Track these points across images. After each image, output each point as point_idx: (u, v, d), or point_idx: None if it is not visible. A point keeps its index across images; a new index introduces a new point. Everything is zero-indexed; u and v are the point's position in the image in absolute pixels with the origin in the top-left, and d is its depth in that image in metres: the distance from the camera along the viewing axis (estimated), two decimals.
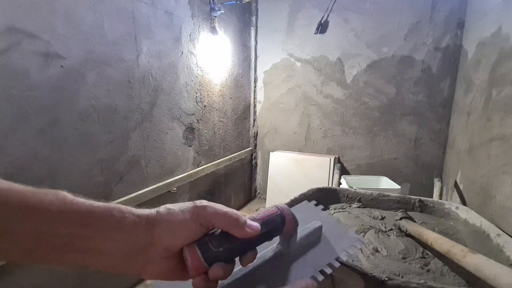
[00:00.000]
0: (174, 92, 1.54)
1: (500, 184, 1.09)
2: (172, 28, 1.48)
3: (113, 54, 1.18)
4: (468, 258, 0.65)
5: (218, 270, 0.28)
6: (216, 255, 0.29)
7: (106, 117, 1.17)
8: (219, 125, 2.00)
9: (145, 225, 0.28)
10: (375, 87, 2.06)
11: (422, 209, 1.11)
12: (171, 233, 0.28)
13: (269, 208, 0.35)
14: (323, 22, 2.10)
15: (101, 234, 0.27)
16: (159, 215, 0.29)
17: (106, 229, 0.27)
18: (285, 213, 0.34)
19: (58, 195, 0.26)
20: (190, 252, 0.28)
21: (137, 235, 0.28)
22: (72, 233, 0.26)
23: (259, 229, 0.31)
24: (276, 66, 2.34)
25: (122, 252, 0.28)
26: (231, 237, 0.30)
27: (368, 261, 0.79)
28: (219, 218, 0.30)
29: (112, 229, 0.27)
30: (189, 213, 0.29)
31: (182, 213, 0.29)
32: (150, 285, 0.31)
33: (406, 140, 2.04)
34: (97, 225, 0.27)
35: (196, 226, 0.29)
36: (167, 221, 0.29)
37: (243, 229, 0.30)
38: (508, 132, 1.09)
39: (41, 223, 0.25)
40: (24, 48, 0.89)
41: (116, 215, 0.28)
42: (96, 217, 0.27)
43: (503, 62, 1.20)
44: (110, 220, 0.27)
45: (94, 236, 0.27)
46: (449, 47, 1.84)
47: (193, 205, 0.30)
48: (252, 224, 0.31)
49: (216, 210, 0.30)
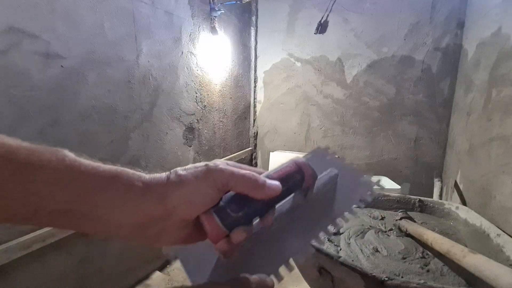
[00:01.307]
0: (174, 92, 1.54)
1: (500, 184, 1.09)
2: (172, 28, 1.48)
3: (113, 54, 1.18)
4: (468, 258, 0.65)
5: (240, 235, 0.27)
6: (236, 220, 0.27)
7: (106, 117, 1.17)
8: (219, 125, 2.00)
9: (157, 197, 0.25)
10: (375, 87, 2.06)
11: (422, 209, 1.12)
12: (187, 203, 0.26)
13: (287, 164, 0.33)
14: (323, 22, 2.10)
15: (107, 202, 0.24)
16: (171, 185, 0.26)
17: (113, 198, 0.24)
18: (304, 169, 0.33)
19: (57, 154, 0.23)
20: (209, 221, 0.27)
21: (148, 206, 0.25)
22: (73, 199, 0.23)
23: (280, 189, 0.29)
24: (276, 66, 2.34)
25: (132, 223, 0.25)
26: (249, 199, 0.28)
27: (368, 261, 0.79)
28: (237, 181, 0.27)
29: (120, 198, 0.24)
30: (204, 178, 0.26)
31: (196, 179, 0.26)
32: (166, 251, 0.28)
33: (406, 140, 2.04)
34: (102, 193, 0.24)
35: (213, 192, 0.27)
36: (181, 191, 0.26)
37: (263, 191, 0.28)
38: (508, 132, 1.09)
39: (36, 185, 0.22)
40: (24, 48, 0.89)
41: (124, 183, 0.25)
42: (101, 183, 0.24)
43: (503, 62, 1.20)
44: (116, 188, 0.24)
45: (100, 204, 0.24)
46: (449, 47, 1.84)
47: (206, 168, 0.27)
48: (272, 184, 0.29)
49: (233, 173, 0.27)
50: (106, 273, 1.22)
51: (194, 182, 0.26)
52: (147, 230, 0.26)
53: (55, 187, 0.22)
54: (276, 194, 0.29)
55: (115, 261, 1.26)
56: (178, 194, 0.26)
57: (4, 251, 0.85)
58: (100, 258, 1.19)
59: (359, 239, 0.90)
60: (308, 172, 0.33)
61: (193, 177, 0.26)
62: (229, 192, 0.28)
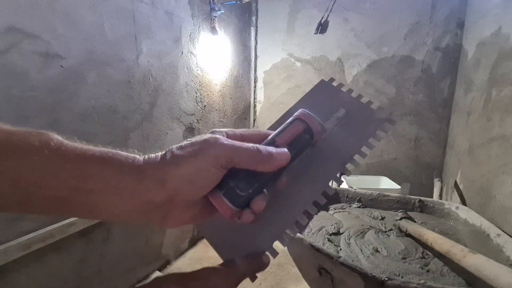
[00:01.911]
0: (174, 92, 1.54)
1: (500, 184, 1.09)
2: (172, 28, 1.48)
3: (113, 54, 1.17)
4: (468, 258, 0.65)
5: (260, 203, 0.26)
6: (247, 198, 0.25)
7: (106, 117, 1.17)
8: (219, 125, 2.00)
9: (155, 181, 0.23)
10: (375, 87, 2.06)
11: (422, 209, 1.11)
12: (188, 184, 0.24)
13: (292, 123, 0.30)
14: (323, 22, 2.10)
15: (100, 188, 0.22)
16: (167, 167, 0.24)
17: (107, 182, 0.22)
18: (313, 126, 0.30)
19: (41, 137, 0.21)
20: (218, 203, 0.25)
21: (147, 193, 0.23)
22: (63, 185, 0.21)
23: (289, 156, 0.27)
24: (276, 66, 2.34)
25: (132, 209, 0.24)
26: (258, 173, 0.26)
27: (368, 261, 0.79)
28: (241, 156, 0.25)
29: (115, 183, 0.23)
30: (203, 156, 0.24)
31: (195, 158, 0.24)
32: None
33: (406, 140, 2.04)
34: (94, 178, 0.22)
35: (216, 170, 0.24)
36: (180, 172, 0.24)
37: (270, 164, 0.26)
38: (508, 132, 1.08)
39: (20, 171, 0.20)
40: (24, 48, 0.89)
41: (117, 167, 0.23)
42: (91, 167, 0.22)
43: (503, 62, 1.20)
44: (109, 173, 0.23)
45: (94, 189, 0.22)
46: (449, 47, 1.84)
47: (205, 144, 0.25)
48: (280, 154, 0.27)
49: (234, 147, 0.25)
50: (106, 274, 1.22)
51: (193, 161, 0.24)
52: (151, 214, 0.24)
53: (40, 173, 0.21)
54: (286, 163, 0.27)
55: (114, 261, 1.26)
56: (177, 176, 0.24)
57: (4, 251, 0.85)
58: (99, 259, 1.19)
59: (359, 239, 0.90)
60: (317, 129, 0.30)
61: (191, 156, 0.24)
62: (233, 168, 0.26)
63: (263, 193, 0.26)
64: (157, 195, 0.23)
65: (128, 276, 1.35)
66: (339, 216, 1.05)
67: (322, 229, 0.95)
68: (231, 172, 0.26)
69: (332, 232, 0.93)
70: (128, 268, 1.34)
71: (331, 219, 1.02)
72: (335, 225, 0.97)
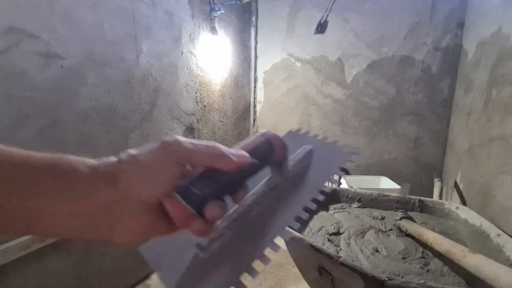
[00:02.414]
0: (174, 92, 1.54)
1: (500, 184, 1.09)
2: (172, 28, 1.48)
3: (113, 54, 1.17)
4: (468, 258, 0.65)
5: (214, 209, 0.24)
6: (203, 198, 0.24)
7: (106, 117, 1.17)
8: (219, 125, 2.00)
9: (106, 179, 0.22)
10: (375, 87, 2.06)
11: (422, 209, 1.12)
12: (143, 181, 0.23)
13: (254, 137, 0.31)
14: (323, 22, 2.10)
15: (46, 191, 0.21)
16: (123, 165, 0.23)
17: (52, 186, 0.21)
18: (273, 140, 0.31)
19: None
20: (172, 203, 0.24)
21: (96, 192, 0.22)
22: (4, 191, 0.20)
23: (247, 156, 0.27)
24: (276, 66, 2.34)
25: (79, 213, 0.22)
26: (215, 173, 0.25)
27: (368, 261, 0.79)
28: (199, 152, 0.25)
29: (60, 186, 0.21)
30: (161, 153, 0.24)
31: (152, 155, 0.23)
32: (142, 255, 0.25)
33: (406, 140, 2.04)
34: (38, 182, 0.21)
35: (173, 167, 0.24)
36: (135, 169, 0.23)
37: (229, 160, 0.25)
38: (508, 132, 1.09)
39: None
40: (24, 48, 0.89)
41: (64, 169, 0.22)
42: (36, 171, 0.21)
43: (503, 62, 1.20)
44: (55, 175, 0.21)
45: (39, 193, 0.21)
46: (449, 47, 1.84)
47: (163, 142, 0.24)
48: (238, 153, 0.26)
49: (193, 144, 0.25)
50: (106, 273, 1.22)
51: (149, 158, 0.23)
52: (100, 219, 0.22)
53: None
54: (244, 163, 0.27)
55: (114, 261, 1.26)
56: (131, 173, 0.23)
57: (4, 251, 0.85)
58: (99, 258, 1.19)
59: (359, 239, 0.90)
60: (277, 142, 0.31)
61: (148, 153, 0.24)
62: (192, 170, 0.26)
63: (222, 201, 0.25)
64: (107, 193, 0.22)
65: (128, 275, 1.35)
66: (339, 216, 1.05)
67: (322, 229, 0.95)
68: (190, 173, 0.25)
69: (332, 232, 0.93)
70: (128, 268, 1.34)
71: (331, 219, 1.02)
72: (335, 225, 0.97)
